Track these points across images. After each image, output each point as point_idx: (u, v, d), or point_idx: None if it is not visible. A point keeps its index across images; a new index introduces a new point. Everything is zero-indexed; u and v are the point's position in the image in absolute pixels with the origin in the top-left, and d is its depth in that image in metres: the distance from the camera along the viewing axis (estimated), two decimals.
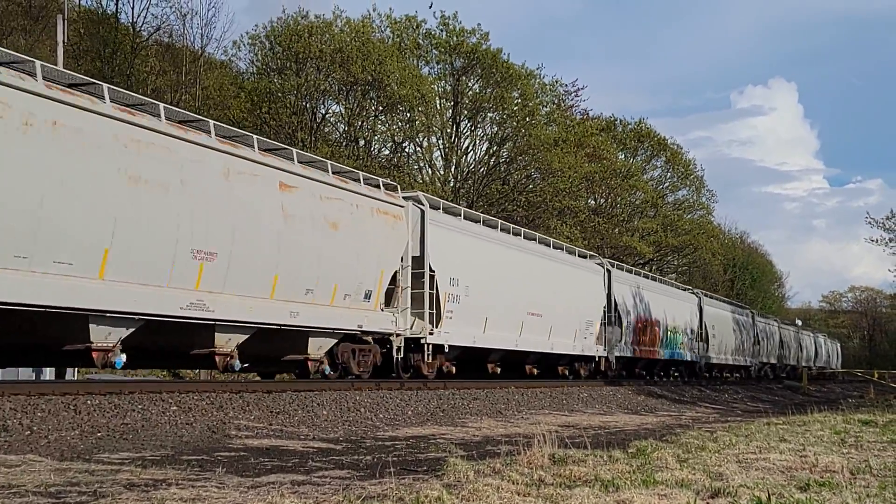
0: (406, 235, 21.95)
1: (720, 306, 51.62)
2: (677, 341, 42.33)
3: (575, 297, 31.55)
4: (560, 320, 29.99)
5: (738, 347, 53.50)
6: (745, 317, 56.84)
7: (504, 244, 27.16)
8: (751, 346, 56.50)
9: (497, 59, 46.38)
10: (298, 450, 11.02)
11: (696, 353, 45.18)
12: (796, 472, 8.91)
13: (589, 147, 55.38)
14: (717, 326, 48.85)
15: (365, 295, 19.95)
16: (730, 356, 51.61)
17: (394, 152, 46.91)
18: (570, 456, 9.22)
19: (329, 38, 41.07)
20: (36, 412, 11.61)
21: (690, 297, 46.27)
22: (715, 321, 48.48)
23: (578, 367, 33.15)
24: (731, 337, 51.86)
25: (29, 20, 40.15)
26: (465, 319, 24.07)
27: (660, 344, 39.82)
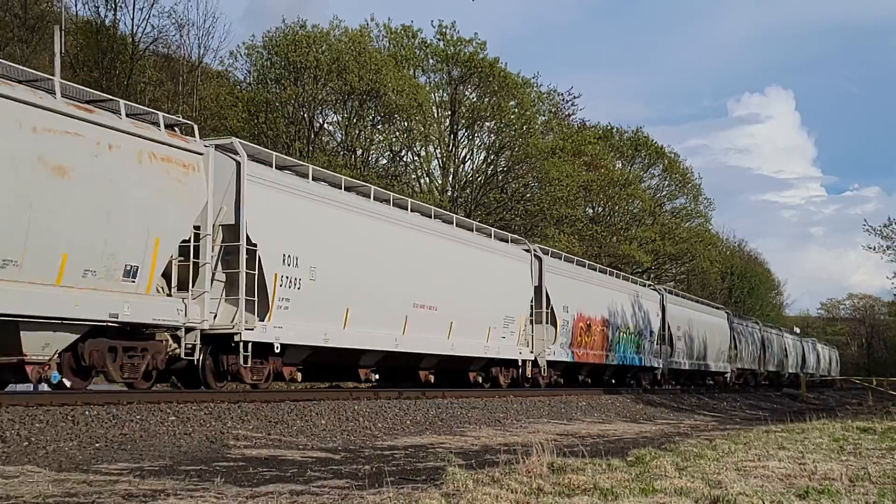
0: (204, 193, 16.74)
1: (689, 306, 46.71)
2: (633, 344, 37.72)
3: (489, 287, 26.54)
4: (465, 315, 25.04)
5: (712, 352, 48.97)
6: (720, 318, 52.24)
7: (377, 217, 21.82)
8: (727, 351, 51.88)
9: (494, 68, 46.43)
10: (297, 459, 11.00)
11: (659, 358, 40.70)
12: (795, 480, 8.91)
13: (586, 156, 55.48)
14: (685, 328, 44.16)
15: (126, 272, 15.01)
16: (701, 361, 47.07)
17: (391, 162, 46.95)
18: (568, 464, 9.21)
19: (326, 47, 41.11)
20: (34, 423, 11.60)
21: (650, 295, 41.29)
22: (681, 322, 43.68)
23: (497, 373, 27.91)
24: (702, 340, 47.11)
25: (26, 31, 40.18)
26: (310, 311, 19.07)
27: (608, 347, 35.09)
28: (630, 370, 38.59)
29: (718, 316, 51.90)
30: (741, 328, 55.91)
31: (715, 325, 49.77)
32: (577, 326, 32.10)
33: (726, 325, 52.23)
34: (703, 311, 48.88)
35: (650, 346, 39.58)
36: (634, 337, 37.57)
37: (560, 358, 30.57)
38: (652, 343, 39.87)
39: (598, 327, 34.04)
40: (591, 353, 33.45)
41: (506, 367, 28.13)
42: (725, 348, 51.21)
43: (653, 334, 39.90)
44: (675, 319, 42.39)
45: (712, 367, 48.66)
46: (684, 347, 43.55)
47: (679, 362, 42.81)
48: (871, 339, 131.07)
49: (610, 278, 37.35)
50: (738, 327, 55.20)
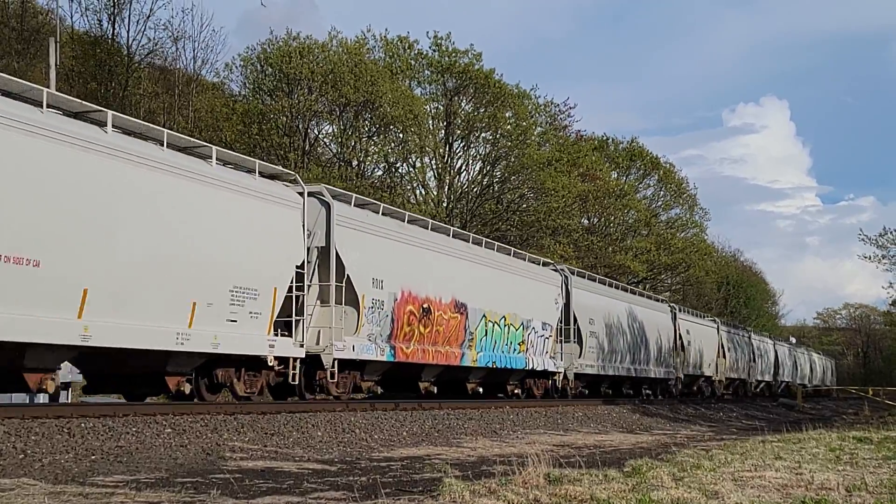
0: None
1: (607, 293, 37.23)
2: (514, 340, 28.38)
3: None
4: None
5: (646, 354, 40.22)
6: (658, 312, 43.36)
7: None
8: (669, 353, 43.11)
9: (490, 79, 46.51)
10: (293, 471, 10.98)
11: (557, 361, 31.48)
12: (792, 490, 8.91)
13: (582, 166, 55.54)
14: (601, 322, 35.33)
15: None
16: (634, 366, 38.68)
17: (386, 173, 46.96)
18: (565, 475, 9.21)
19: (322, 58, 41.16)
20: (30, 435, 11.58)
21: (548, 277, 31.60)
22: (595, 314, 34.86)
23: (225, 376, 18.93)
24: (629, 339, 38.32)
25: (22, 43, 40.22)
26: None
27: (466, 343, 25.38)
28: (514, 374, 29.35)
29: (658, 310, 43.69)
30: (689, 325, 46.90)
31: (654, 321, 41.76)
32: (400, 311, 22.38)
33: (669, 322, 44.22)
34: (636, 302, 40.66)
35: (543, 344, 30.25)
36: (520, 332, 28.67)
37: (365, 356, 21.00)
38: (546, 339, 30.56)
39: (443, 314, 24.39)
40: (428, 351, 23.69)
41: (251, 368, 25.05)
42: (668, 350, 43.04)
43: (550, 328, 30.89)
44: (587, 310, 33.86)
45: (652, 373, 40.81)
46: (600, 346, 34.86)
47: (592, 365, 34.01)
48: (867, 348, 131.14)
49: (478, 249, 27.29)
50: (686, 324, 46.57)
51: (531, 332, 29.53)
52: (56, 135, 13.69)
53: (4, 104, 13.21)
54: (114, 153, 14.64)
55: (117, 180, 14.61)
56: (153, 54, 42.97)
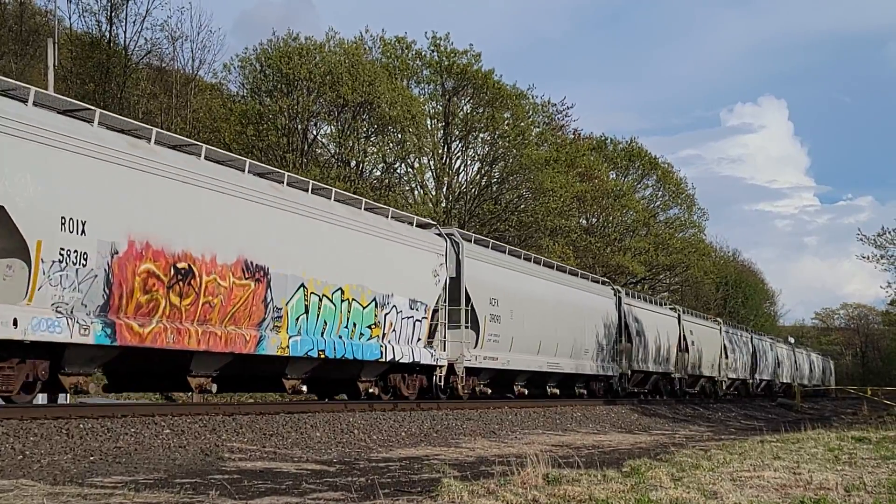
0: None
1: (520, 268, 29.75)
2: (361, 322, 21.31)
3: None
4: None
5: (582, 346, 33.33)
6: (598, 296, 36.08)
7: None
8: (610, 348, 36.57)
9: (488, 79, 46.50)
10: (292, 472, 10.99)
11: (437, 351, 24.28)
12: (791, 490, 8.91)
13: (580, 166, 55.53)
14: (510, 304, 27.98)
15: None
16: (555, 360, 31.16)
17: (385, 173, 46.94)
18: (564, 476, 9.21)
19: (319, 59, 41.15)
20: (28, 436, 11.57)
21: (424, 242, 24.38)
22: (501, 294, 27.54)
23: None
24: (550, 328, 30.56)
25: (20, 44, 40.22)
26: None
27: (269, 323, 18.27)
28: (360, 368, 22.00)
29: (598, 293, 36.46)
30: (638, 313, 40.19)
31: (592, 308, 34.85)
32: (125, 270, 15.15)
33: (613, 308, 37.26)
34: (566, 282, 33.35)
35: (413, 329, 23.40)
36: (363, 309, 21.37)
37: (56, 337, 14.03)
38: (419, 323, 23.72)
39: (222, 281, 17.09)
40: (183, 332, 16.22)
41: None
42: (609, 344, 36.19)
43: (421, 308, 23.72)
44: (487, 288, 26.66)
45: (587, 369, 33.95)
46: (509, 335, 27.71)
47: (492, 357, 26.80)
48: (865, 348, 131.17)
49: (281, 191, 19.17)
50: (636, 310, 40.42)
51: (391, 312, 22.23)
52: None
53: None
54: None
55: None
56: (151, 55, 43.01)
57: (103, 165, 14.70)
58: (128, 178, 15.13)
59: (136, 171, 15.32)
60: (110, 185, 14.80)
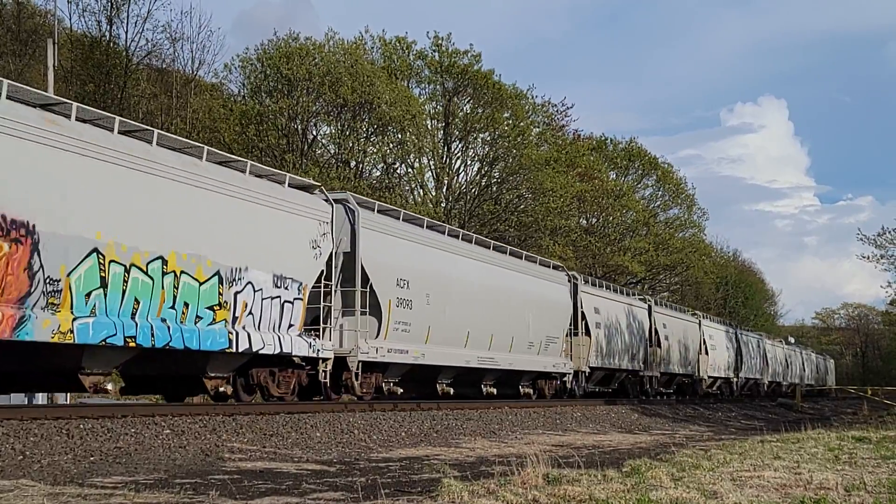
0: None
1: (442, 245, 25.13)
2: (197, 302, 16.63)
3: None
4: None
5: (516, 340, 28.40)
6: (544, 281, 31.31)
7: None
8: (563, 338, 31.84)
9: (488, 79, 46.54)
10: (292, 472, 10.99)
11: (320, 342, 19.78)
12: (791, 490, 8.91)
13: (580, 166, 55.56)
14: (423, 288, 23.36)
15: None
16: (489, 354, 26.70)
17: (385, 173, 46.97)
18: (564, 476, 9.21)
19: (319, 60, 41.16)
20: (28, 437, 11.57)
21: (297, 205, 19.62)
22: (413, 275, 23.00)
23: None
24: (482, 316, 26.26)
25: (19, 44, 40.23)
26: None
27: (39, 298, 13.65)
28: (206, 362, 17.54)
29: (551, 280, 32.04)
30: (585, 295, 34.91)
31: (537, 294, 30.18)
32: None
33: (567, 298, 32.89)
34: (502, 263, 28.60)
35: (282, 312, 18.75)
36: (201, 286, 16.74)
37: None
38: (291, 305, 19.10)
39: None
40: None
41: None
42: (559, 334, 31.50)
43: (293, 287, 19.11)
44: (393, 268, 22.23)
45: (533, 365, 29.76)
46: (426, 323, 23.41)
47: (400, 350, 22.33)
48: (865, 348, 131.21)
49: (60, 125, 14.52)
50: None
51: (246, 291, 17.70)
52: None
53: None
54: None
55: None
56: (151, 55, 43.04)
57: None
58: None
59: None
60: None
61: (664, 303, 46.70)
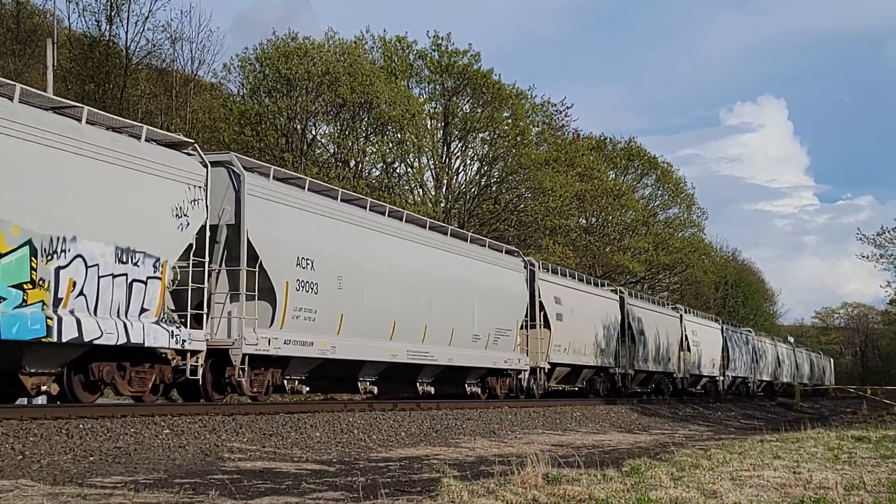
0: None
1: (361, 221, 21.61)
2: None
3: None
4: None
5: (458, 332, 25.15)
6: (494, 266, 28.01)
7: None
8: (491, 332, 27.25)
9: (488, 79, 46.53)
10: (292, 472, 10.99)
11: (181, 332, 16.15)
12: (790, 489, 8.91)
13: (580, 166, 55.57)
14: (333, 269, 20.04)
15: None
16: (418, 346, 23.21)
17: (384, 173, 46.98)
18: (563, 475, 9.21)
19: (318, 59, 41.15)
20: (28, 436, 11.57)
21: (167, 165, 16.27)
22: (320, 254, 19.68)
23: None
24: (413, 304, 23.10)
25: (18, 44, 40.21)
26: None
27: None
28: None
29: (504, 266, 28.82)
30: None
31: (485, 282, 26.97)
32: None
33: (522, 286, 29.59)
34: (441, 245, 25.30)
35: (133, 295, 15.34)
36: (10, 262, 13.16)
37: None
38: (145, 288, 15.73)
39: None
40: None
41: None
42: (511, 326, 28.39)
43: (155, 265, 15.91)
44: (293, 245, 18.95)
45: (480, 361, 26.56)
46: (337, 311, 20.13)
47: (303, 342, 18.95)
48: (865, 348, 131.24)
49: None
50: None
51: (74, 266, 14.19)
52: None
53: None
54: None
55: None
56: (151, 55, 43.02)
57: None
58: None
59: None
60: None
61: (640, 295, 44.26)
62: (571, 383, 33.93)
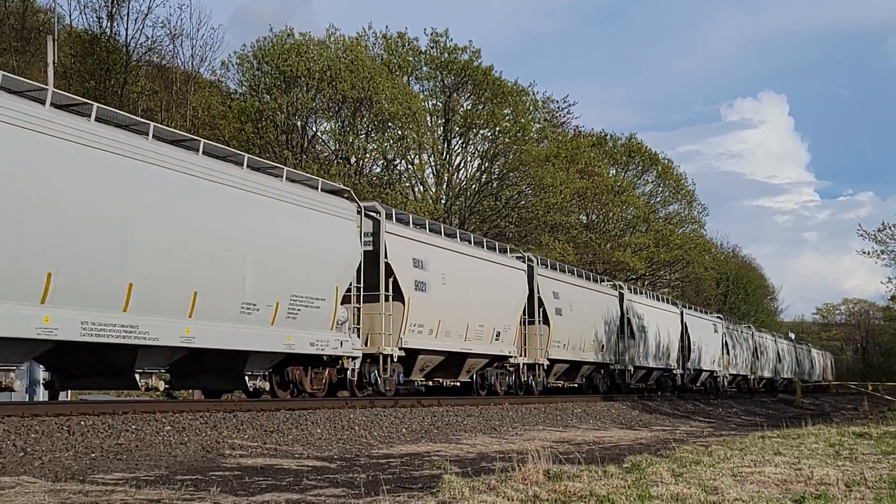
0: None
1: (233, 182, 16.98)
2: None
3: None
4: None
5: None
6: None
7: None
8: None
9: (489, 75, 46.53)
10: (293, 468, 11.00)
11: None
12: (791, 486, 8.92)
13: (580, 163, 55.57)
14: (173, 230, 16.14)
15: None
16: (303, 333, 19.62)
17: (385, 170, 46.97)
18: (564, 471, 9.21)
19: (317, 55, 41.12)
20: (30, 433, 11.58)
21: None
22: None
23: None
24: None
25: (21, 41, 40.22)
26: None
27: None
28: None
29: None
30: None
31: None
32: None
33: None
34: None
35: None
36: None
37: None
38: None
39: None
40: None
41: None
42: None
43: None
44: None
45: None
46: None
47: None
48: (866, 344, 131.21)
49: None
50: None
51: None
52: None
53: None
54: None
55: None
56: (151, 52, 43.01)
57: None
58: None
59: None
60: None
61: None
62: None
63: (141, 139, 15.14)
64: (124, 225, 14.49)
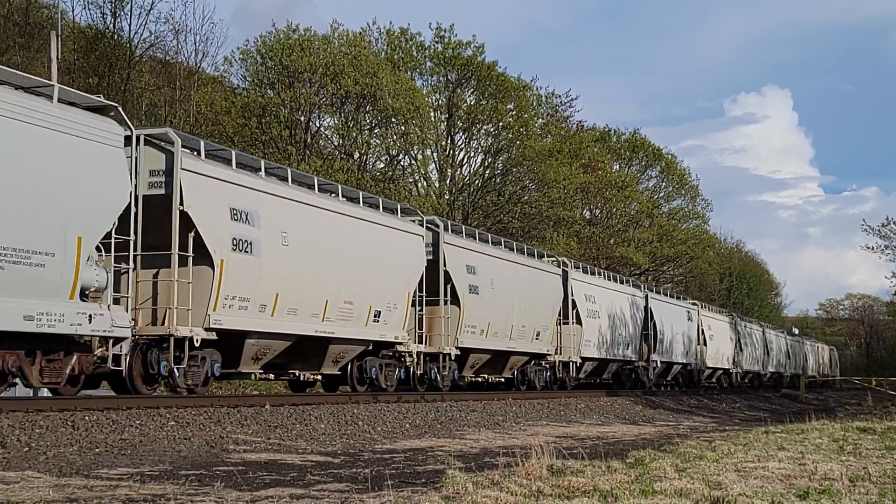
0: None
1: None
2: None
3: None
4: None
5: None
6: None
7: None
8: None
9: (492, 70, 46.49)
10: (297, 463, 11.01)
11: None
12: (795, 481, 8.92)
13: (584, 158, 55.53)
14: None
15: None
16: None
17: (388, 165, 46.96)
18: (568, 467, 9.21)
19: (321, 51, 41.09)
20: (34, 428, 11.60)
21: None
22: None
23: None
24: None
25: (25, 37, 40.22)
26: None
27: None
28: None
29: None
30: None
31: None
32: None
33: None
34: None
35: None
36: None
37: None
38: None
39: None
40: None
41: None
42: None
43: None
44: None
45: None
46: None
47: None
48: (870, 339, 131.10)
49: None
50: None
51: None
52: None
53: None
54: None
55: None
56: (154, 47, 43.00)
57: None
58: None
59: None
60: None
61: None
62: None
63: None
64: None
